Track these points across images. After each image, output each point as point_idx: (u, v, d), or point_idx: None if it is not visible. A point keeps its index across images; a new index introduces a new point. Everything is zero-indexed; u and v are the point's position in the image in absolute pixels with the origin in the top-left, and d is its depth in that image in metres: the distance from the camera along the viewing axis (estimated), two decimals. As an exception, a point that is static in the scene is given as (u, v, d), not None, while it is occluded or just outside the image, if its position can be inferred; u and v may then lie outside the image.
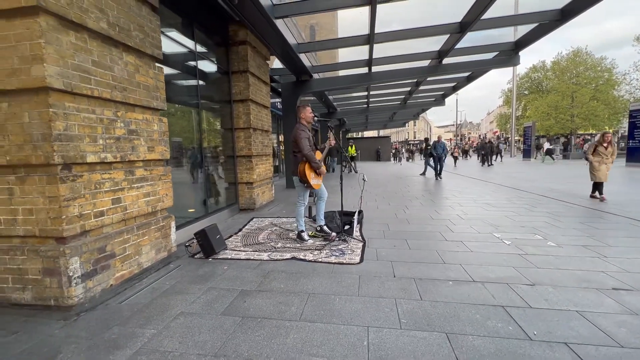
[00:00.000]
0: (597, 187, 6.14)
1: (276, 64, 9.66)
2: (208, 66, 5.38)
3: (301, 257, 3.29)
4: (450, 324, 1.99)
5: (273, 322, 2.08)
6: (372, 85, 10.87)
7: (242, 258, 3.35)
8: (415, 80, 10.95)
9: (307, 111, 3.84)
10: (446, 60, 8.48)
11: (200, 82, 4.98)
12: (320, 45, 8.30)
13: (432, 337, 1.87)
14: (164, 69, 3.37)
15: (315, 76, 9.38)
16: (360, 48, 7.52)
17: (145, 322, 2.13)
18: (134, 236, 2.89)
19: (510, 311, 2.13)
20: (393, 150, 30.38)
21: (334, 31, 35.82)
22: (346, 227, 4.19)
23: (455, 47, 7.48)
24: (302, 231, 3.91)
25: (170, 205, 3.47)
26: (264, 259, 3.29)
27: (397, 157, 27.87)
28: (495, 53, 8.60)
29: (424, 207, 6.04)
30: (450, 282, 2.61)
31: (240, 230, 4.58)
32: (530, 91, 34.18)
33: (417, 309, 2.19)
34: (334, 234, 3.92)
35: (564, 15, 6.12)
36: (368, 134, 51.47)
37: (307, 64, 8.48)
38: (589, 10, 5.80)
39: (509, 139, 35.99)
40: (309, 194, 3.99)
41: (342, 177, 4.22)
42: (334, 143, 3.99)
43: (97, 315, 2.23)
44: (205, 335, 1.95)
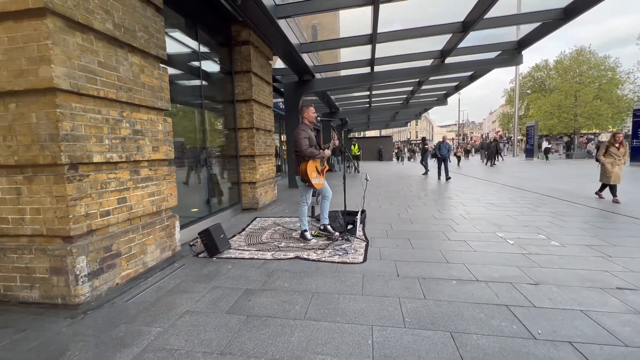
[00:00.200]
0: (610, 188, 5.94)
1: (278, 64, 9.68)
2: (211, 66, 5.41)
3: (305, 257, 3.31)
4: (455, 323, 2.00)
5: (278, 320, 2.10)
6: (374, 85, 10.85)
7: (246, 257, 3.37)
8: (417, 80, 10.92)
9: (311, 111, 3.85)
10: (449, 60, 8.45)
11: (204, 83, 5.00)
12: (322, 45, 8.30)
13: (436, 335, 1.88)
14: (168, 70, 3.40)
15: (318, 76, 9.38)
16: (361, 48, 7.51)
17: (151, 320, 2.15)
18: (139, 235, 2.92)
19: (514, 310, 2.14)
20: (396, 150, 30.37)
21: (335, 31, 35.79)
22: (349, 226, 4.21)
23: (458, 47, 7.46)
24: (306, 230, 3.92)
25: (174, 205, 3.49)
26: (268, 258, 3.31)
27: (399, 157, 27.85)
28: (498, 52, 8.56)
29: (427, 206, 6.03)
30: (454, 282, 2.62)
31: (244, 229, 4.60)
32: (533, 90, 33.98)
33: (421, 308, 2.20)
34: (337, 233, 3.93)
35: (567, 14, 6.09)
36: (370, 133, 51.47)
37: (310, 63, 8.48)
38: (592, 8, 5.77)
39: (511, 139, 35.87)
40: (312, 193, 3.99)
41: (345, 176, 4.23)
42: (338, 143, 3.99)
43: (104, 314, 2.26)
44: (211, 334, 1.97)
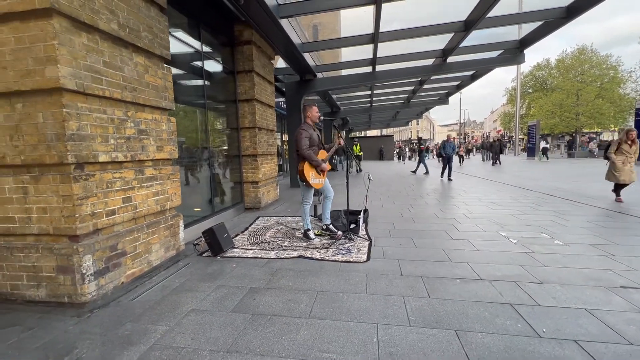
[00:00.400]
0: (617, 187, 5.78)
1: (280, 63, 9.69)
2: (214, 66, 5.42)
3: (308, 256, 3.32)
4: (459, 321, 2.01)
5: (283, 319, 2.11)
6: (375, 85, 10.85)
7: (249, 256, 3.38)
8: (419, 79, 10.92)
9: (314, 110, 3.85)
10: (450, 59, 8.45)
11: (206, 82, 5.01)
12: (324, 44, 8.32)
13: (441, 334, 1.89)
14: (171, 69, 3.41)
15: (319, 75, 9.39)
16: (363, 47, 7.51)
17: (157, 318, 2.17)
18: (144, 234, 2.94)
19: (519, 309, 2.14)
20: (397, 149, 30.36)
21: (336, 30, 35.79)
22: (352, 225, 4.21)
23: (460, 46, 7.46)
24: (309, 230, 3.93)
25: (178, 204, 3.51)
26: (272, 257, 3.32)
27: (401, 157, 27.84)
28: (500, 51, 8.55)
29: (429, 206, 6.04)
30: (458, 280, 2.62)
31: (247, 229, 4.61)
32: (534, 89, 33.92)
33: (425, 307, 2.21)
34: (340, 232, 3.94)
35: (569, 13, 6.08)
36: (371, 132, 51.46)
37: (311, 63, 8.49)
38: (595, 6, 5.74)
39: (512, 138, 35.77)
40: (314, 192, 4.00)
41: (347, 176, 4.23)
42: (342, 143, 3.99)
43: (110, 312, 2.27)
44: (217, 332, 1.98)
